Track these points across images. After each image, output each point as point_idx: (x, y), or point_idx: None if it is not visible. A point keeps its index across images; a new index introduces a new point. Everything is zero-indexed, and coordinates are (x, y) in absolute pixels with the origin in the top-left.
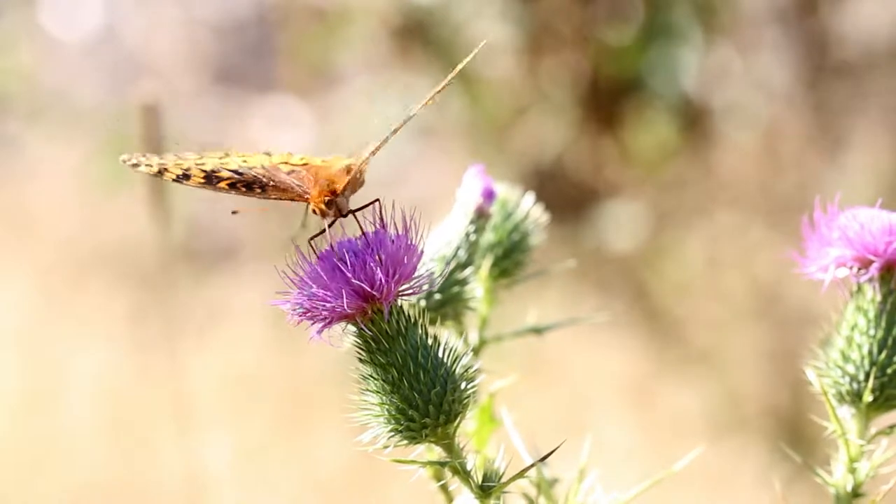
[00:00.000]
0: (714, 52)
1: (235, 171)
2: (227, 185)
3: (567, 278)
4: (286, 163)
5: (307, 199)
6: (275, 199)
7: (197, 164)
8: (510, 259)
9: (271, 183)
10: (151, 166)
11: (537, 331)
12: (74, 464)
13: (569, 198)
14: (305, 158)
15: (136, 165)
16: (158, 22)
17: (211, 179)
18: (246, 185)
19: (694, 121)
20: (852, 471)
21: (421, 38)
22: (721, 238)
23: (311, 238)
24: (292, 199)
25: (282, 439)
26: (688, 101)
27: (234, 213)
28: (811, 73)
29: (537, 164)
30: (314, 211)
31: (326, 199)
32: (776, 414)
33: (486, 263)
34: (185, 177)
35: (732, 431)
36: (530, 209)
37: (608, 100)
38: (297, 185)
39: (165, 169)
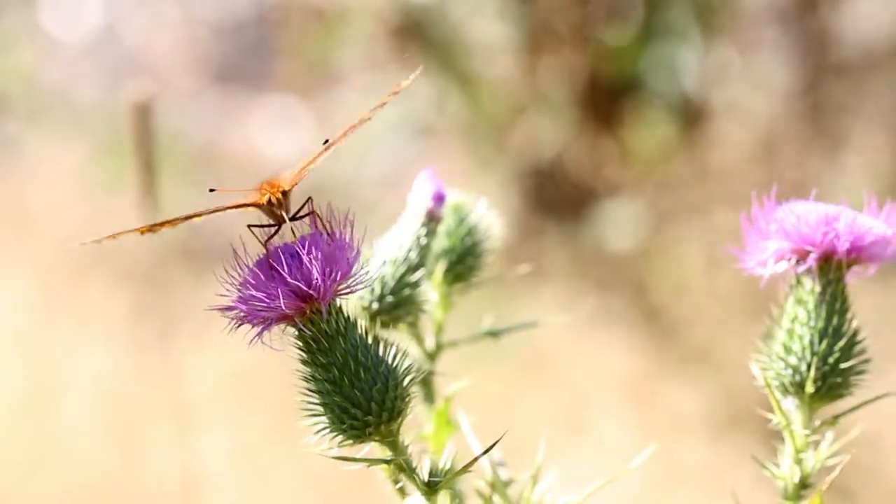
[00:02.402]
0: (713, 51)
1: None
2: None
3: (566, 277)
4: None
5: (255, 203)
6: (223, 211)
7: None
8: (463, 264)
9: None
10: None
11: (494, 334)
12: (74, 464)
13: (568, 197)
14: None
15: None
16: (158, 22)
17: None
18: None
19: (693, 120)
20: (798, 462)
21: (419, 38)
22: (719, 237)
23: (266, 241)
24: (239, 207)
25: (281, 438)
26: (687, 101)
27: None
28: (811, 73)
29: (536, 164)
30: (269, 203)
31: (277, 197)
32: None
33: (440, 268)
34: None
35: (732, 430)
36: (484, 214)
37: (607, 99)
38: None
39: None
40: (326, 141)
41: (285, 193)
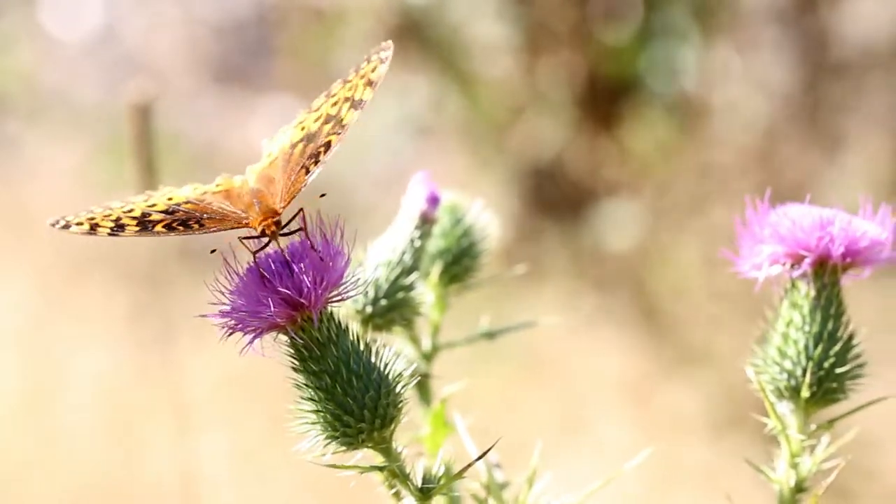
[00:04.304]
0: (713, 51)
1: (165, 212)
2: (164, 227)
3: (565, 277)
4: (207, 192)
5: (247, 223)
6: (216, 230)
7: (125, 213)
8: (460, 265)
9: (205, 215)
10: (82, 224)
11: (490, 335)
12: (74, 464)
13: (566, 197)
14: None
15: (66, 227)
16: (158, 22)
17: (146, 225)
18: (182, 223)
19: (692, 120)
20: (794, 466)
21: (418, 38)
22: (718, 237)
23: (256, 251)
24: (234, 227)
25: (278, 440)
26: (686, 101)
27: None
28: (810, 73)
29: (535, 164)
30: (262, 233)
31: (272, 220)
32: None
33: (436, 269)
34: (119, 227)
35: (731, 430)
36: (480, 215)
37: (606, 99)
38: (233, 212)
39: (96, 224)
40: (318, 155)
41: (278, 212)
